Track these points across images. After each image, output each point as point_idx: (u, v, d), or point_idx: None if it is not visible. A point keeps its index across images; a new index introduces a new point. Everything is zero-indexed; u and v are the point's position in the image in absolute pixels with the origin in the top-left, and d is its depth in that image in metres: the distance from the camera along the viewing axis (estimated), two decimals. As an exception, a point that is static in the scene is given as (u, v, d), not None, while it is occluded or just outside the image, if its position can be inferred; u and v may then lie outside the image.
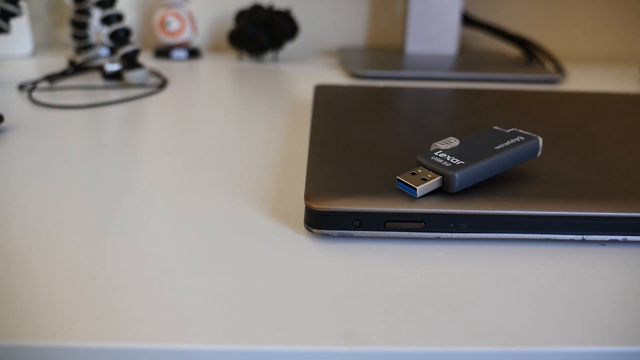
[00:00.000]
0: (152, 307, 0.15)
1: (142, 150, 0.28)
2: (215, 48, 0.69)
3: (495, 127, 0.22)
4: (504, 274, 0.17)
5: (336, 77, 0.53)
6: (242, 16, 0.61)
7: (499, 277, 0.17)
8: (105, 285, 0.16)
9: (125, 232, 0.19)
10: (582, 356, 0.14)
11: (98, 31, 0.58)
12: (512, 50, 0.71)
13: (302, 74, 0.54)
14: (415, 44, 0.63)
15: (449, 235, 0.19)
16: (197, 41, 0.69)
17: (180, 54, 0.60)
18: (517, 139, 0.21)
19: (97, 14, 0.51)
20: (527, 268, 0.18)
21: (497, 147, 0.20)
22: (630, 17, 0.72)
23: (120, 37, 0.43)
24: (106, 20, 0.43)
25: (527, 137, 0.21)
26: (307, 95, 0.43)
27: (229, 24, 0.69)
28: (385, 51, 0.65)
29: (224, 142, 0.30)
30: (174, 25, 0.59)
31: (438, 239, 0.19)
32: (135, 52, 0.44)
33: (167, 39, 0.60)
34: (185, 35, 0.60)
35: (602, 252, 0.19)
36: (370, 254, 0.18)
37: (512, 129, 0.22)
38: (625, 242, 0.20)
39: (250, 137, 0.31)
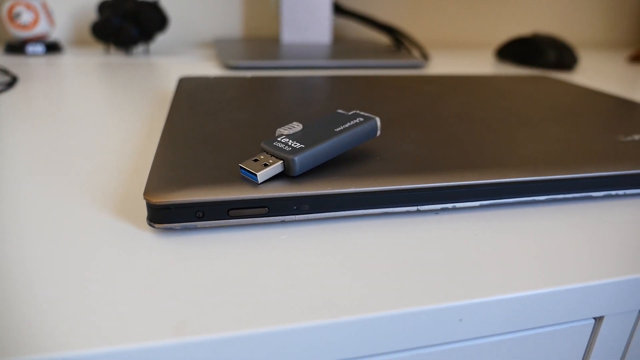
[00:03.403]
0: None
1: (-26, 155, 0.26)
2: (78, 42, 0.64)
3: (339, 110, 0.23)
4: (345, 249, 0.18)
5: (210, 69, 0.51)
6: (105, 7, 0.57)
7: (340, 252, 0.18)
8: None
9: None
10: (414, 315, 0.15)
11: None
12: (383, 39, 0.74)
13: (174, 67, 0.52)
14: (290, 34, 0.63)
15: (293, 217, 0.19)
16: (56, 34, 0.63)
17: (36, 48, 0.55)
18: (357, 120, 0.22)
19: None
20: (366, 241, 0.19)
21: (337, 129, 0.21)
22: (485, 6, 0.79)
23: (-49, 31, 0.38)
24: None
25: (366, 118, 0.22)
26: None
27: (91, 15, 0.64)
28: (261, 41, 0.64)
29: (76, 141, 0.28)
30: (26, 17, 0.53)
31: (283, 222, 0.20)
32: (-27, 48, 0.39)
33: (19, 33, 0.54)
34: (41, 28, 0.55)
35: (436, 220, 0.20)
36: (215, 243, 0.18)
37: (354, 111, 0.23)
38: (454, 208, 0.21)
39: (107, 135, 0.30)
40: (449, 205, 0.21)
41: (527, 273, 0.17)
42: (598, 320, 0.19)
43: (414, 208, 0.20)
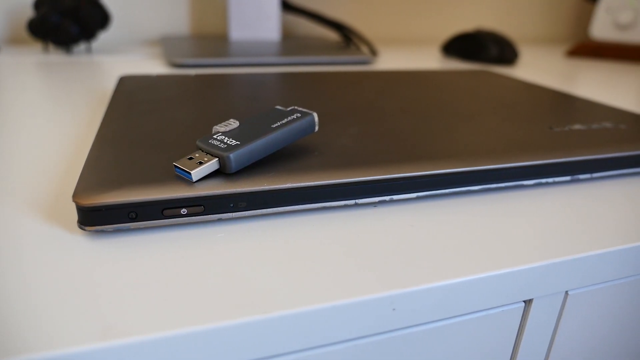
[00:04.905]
0: None
1: None
2: (14, 41, 0.62)
3: (277, 107, 0.23)
4: (283, 244, 0.18)
5: (155, 67, 0.50)
6: (43, 3, 0.55)
7: (277, 248, 0.18)
8: None
9: None
10: (348, 307, 0.16)
11: None
12: (332, 35, 0.74)
13: (118, 66, 0.51)
14: (238, 31, 0.63)
15: (230, 215, 0.19)
16: (-9, 33, 0.60)
17: (-34, 47, 0.52)
18: (294, 116, 0.22)
19: None
20: (304, 236, 0.19)
21: (274, 125, 0.21)
22: (432, 2, 0.81)
23: None
24: None
25: (304, 114, 0.22)
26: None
27: (28, 12, 0.61)
28: (209, 39, 0.63)
29: (8, 143, 0.27)
30: (-46, 14, 0.50)
31: (219, 220, 0.19)
32: None
33: (-53, 31, 0.51)
34: (-29, 26, 0.52)
35: (373, 213, 0.21)
36: (149, 244, 0.18)
37: (292, 107, 0.23)
38: (392, 201, 0.22)
39: (41, 137, 0.28)
40: (387, 198, 0.21)
41: (459, 260, 0.18)
42: (527, 303, 0.20)
43: (352, 202, 0.21)
